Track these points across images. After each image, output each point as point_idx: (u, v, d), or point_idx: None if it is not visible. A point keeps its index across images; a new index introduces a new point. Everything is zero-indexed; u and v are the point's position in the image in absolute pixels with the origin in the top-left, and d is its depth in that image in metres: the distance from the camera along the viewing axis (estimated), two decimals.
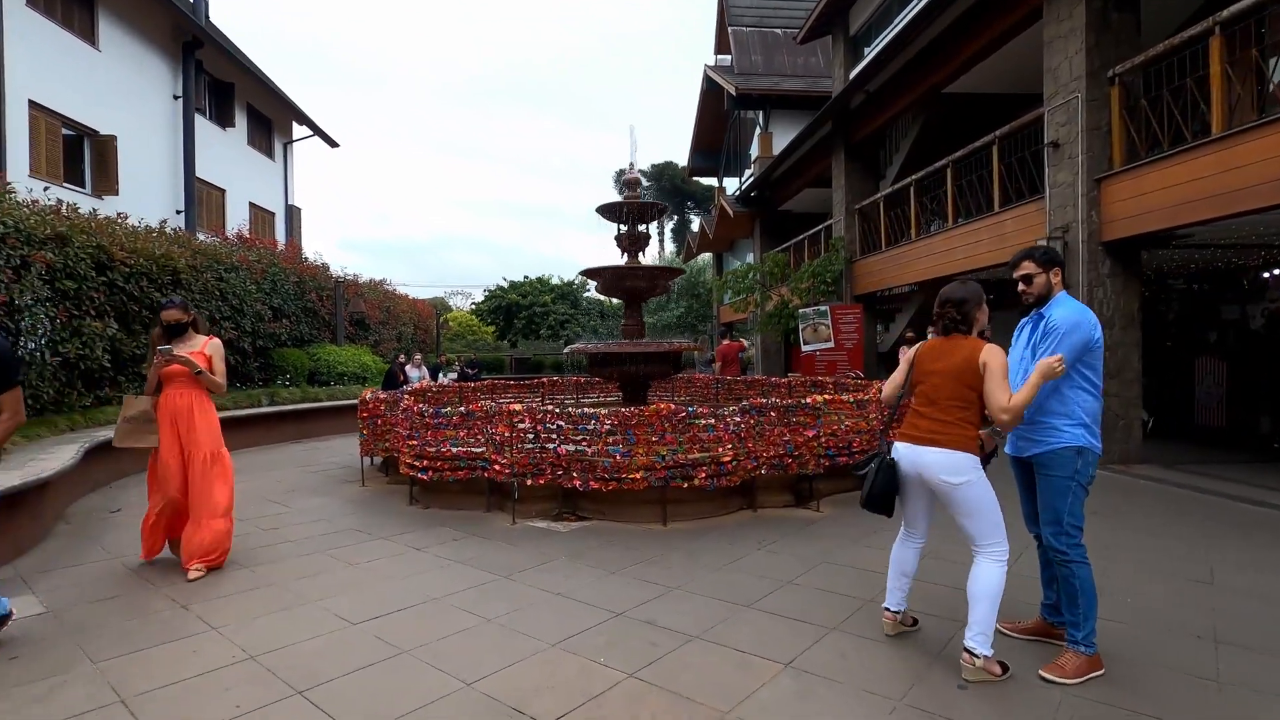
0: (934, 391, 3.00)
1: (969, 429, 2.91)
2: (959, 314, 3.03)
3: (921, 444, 2.98)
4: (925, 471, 2.96)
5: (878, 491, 3.15)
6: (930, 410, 3.00)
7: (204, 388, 4.41)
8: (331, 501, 6.34)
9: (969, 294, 3.05)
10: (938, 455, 2.91)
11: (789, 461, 5.67)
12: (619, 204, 7.88)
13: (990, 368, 2.86)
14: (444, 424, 5.87)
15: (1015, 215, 8.76)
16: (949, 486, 2.89)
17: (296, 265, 13.50)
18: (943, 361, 3.00)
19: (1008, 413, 2.79)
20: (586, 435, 5.39)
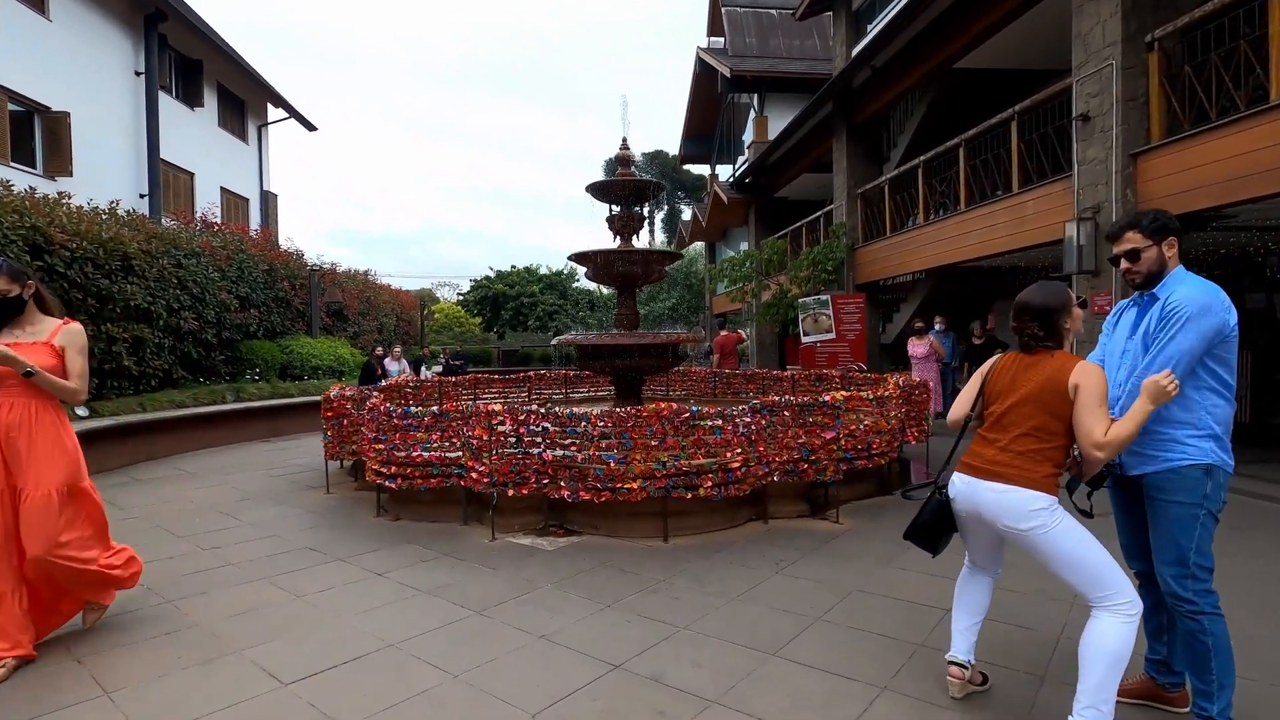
0: (1006, 417, 2.37)
1: (1044, 466, 2.29)
2: (1042, 328, 2.39)
3: (979, 476, 2.36)
4: (984, 512, 2.36)
5: (920, 524, 2.57)
6: (998, 437, 2.38)
7: (48, 394, 3.05)
8: (289, 512, 5.64)
9: (1053, 299, 2.40)
10: (997, 494, 2.30)
11: (804, 467, 5.03)
12: (610, 182, 7.19)
13: (1084, 391, 2.23)
14: (414, 426, 5.19)
15: (1038, 196, 8.14)
16: (1017, 533, 2.28)
17: (267, 252, 12.70)
18: (1020, 382, 2.37)
19: (1103, 449, 2.18)
20: (576, 439, 4.72)
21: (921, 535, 2.59)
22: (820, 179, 17.36)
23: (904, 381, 6.78)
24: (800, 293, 13.73)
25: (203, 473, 7.46)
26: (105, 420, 7.69)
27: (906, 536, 2.61)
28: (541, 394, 10.51)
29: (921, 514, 2.58)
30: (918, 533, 2.59)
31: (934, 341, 10.18)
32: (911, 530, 2.61)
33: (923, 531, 2.58)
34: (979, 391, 2.53)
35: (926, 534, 2.57)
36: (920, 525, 2.58)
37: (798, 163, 16.84)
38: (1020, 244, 8.45)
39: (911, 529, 2.60)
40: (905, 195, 11.61)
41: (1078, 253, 7.07)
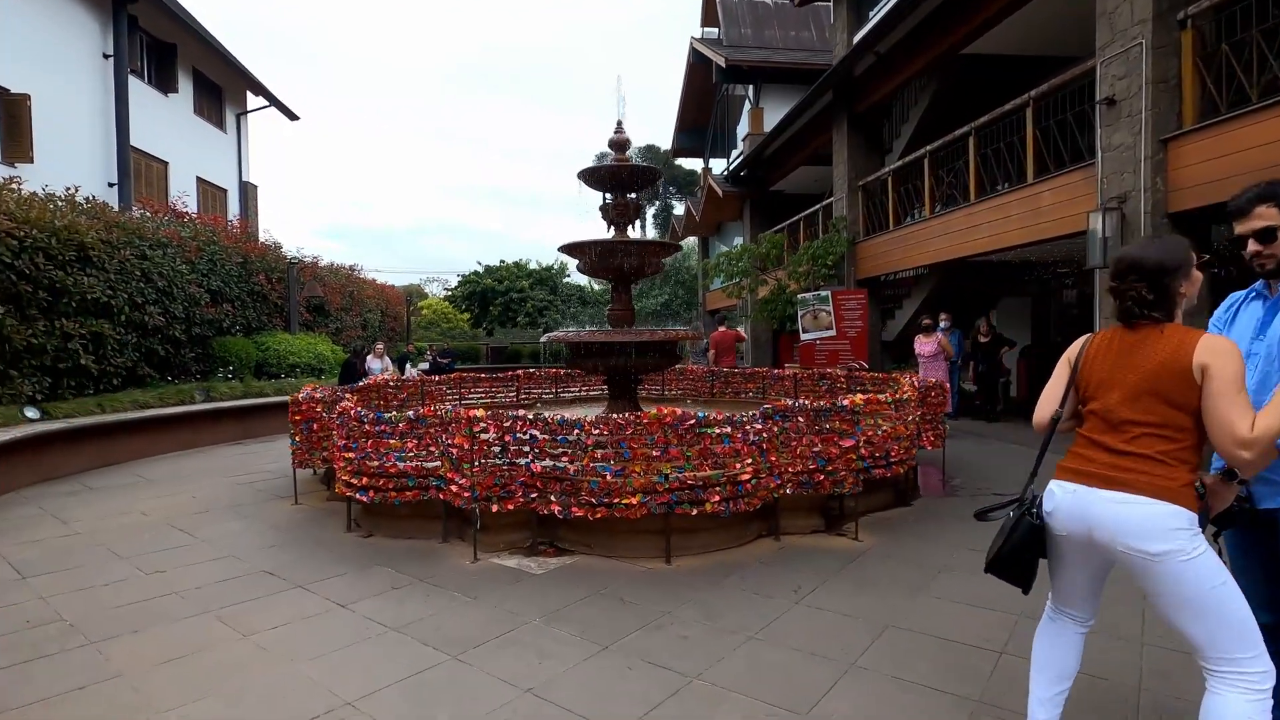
0: (1115, 411, 1.90)
1: (1179, 471, 1.81)
2: (1152, 290, 1.91)
3: (1092, 484, 1.88)
4: (1100, 530, 1.86)
5: (1007, 553, 2.08)
6: (1112, 439, 1.90)
7: None
8: (251, 527, 5.11)
9: (1171, 256, 1.93)
10: (1121, 506, 1.81)
11: (820, 479, 4.55)
12: (604, 168, 6.69)
13: (1216, 374, 1.76)
14: (388, 432, 4.67)
15: (1055, 186, 7.71)
16: (1144, 559, 1.79)
17: (242, 244, 12.09)
18: (1127, 367, 1.90)
19: (1250, 447, 1.70)
20: (568, 449, 4.23)
21: (1008, 567, 2.07)
22: (818, 172, 16.92)
23: (919, 382, 6.33)
24: (799, 288, 13.29)
25: (163, 480, 6.90)
26: (57, 423, 7.11)
27: (989, 569, 2.12)
28: (531, 393, 10.00)
29: (1007, 540, 2.06)
30: (1004, 564, 2.08)
31: (942, 339, 9.75)
32: (996, 562, 2.09)
33: (1010, 562, 2.06)
34: (1069, 383, 2.06)
35: (1015, 565, 2.06)
36: (1006, 555, 2.06)
37: (795, 155, 16.39)
38: (1036, 237, 8.03)
39: (996, 560, 2.09)
40: (910, 187, 11.18)
41: (1102, 245, 6.64)
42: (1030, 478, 2.14)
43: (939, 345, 9.73)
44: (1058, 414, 2.08)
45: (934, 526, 4.88)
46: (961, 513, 5.25)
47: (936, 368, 9.76)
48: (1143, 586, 1.84)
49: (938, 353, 9.74)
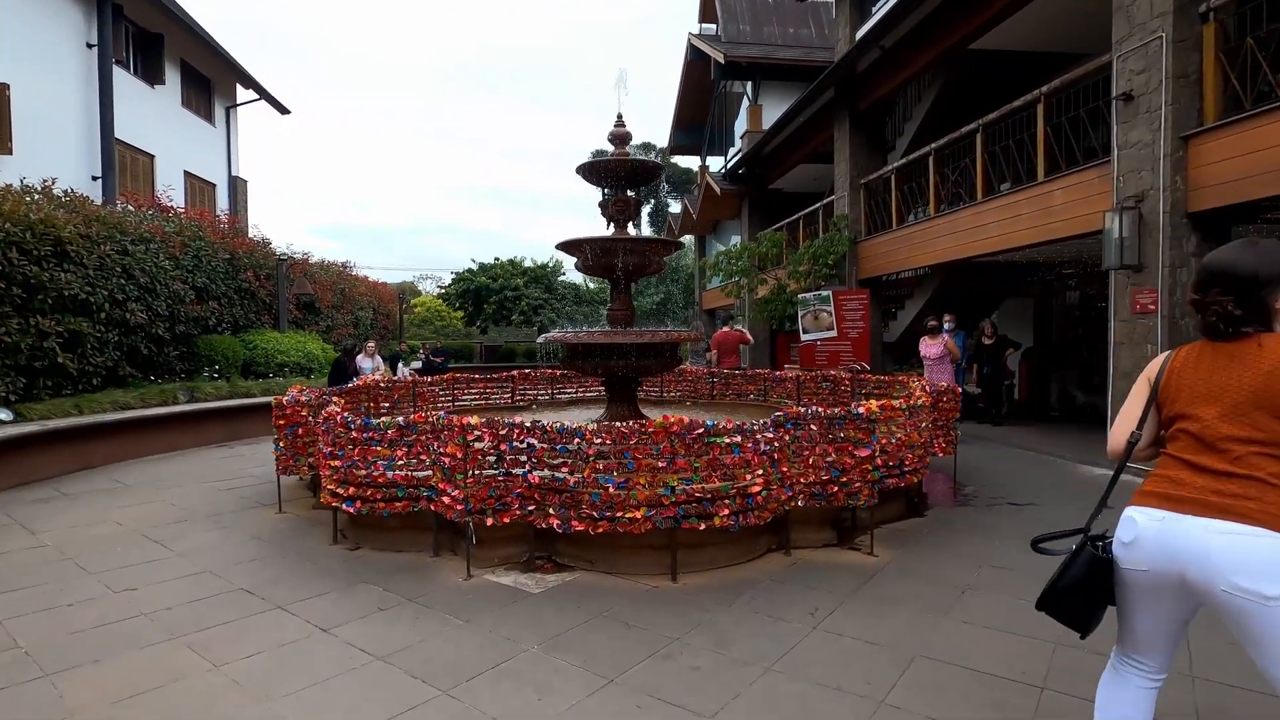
0: (1213, 428, 1.66)
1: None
2: (1241, 304, 1.67)
3: (1193, 512, 1.64)
4: (1197, 566, 1.62)
5: (1063, 589, 1.83)
6: (1211, 459, 1.66)
7: None
8: (230, 539, 4.83)
9: (1264, 264, 1.68)
10: (1237, 538, 1.57)
11: (834, 490, 4.31)
12: (604, 162, 6.43)
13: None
14: (375, 439, 4.40)
15: (1068, 184, 7.50)
16: (1255, 603, 1.54)
17: (229, 239, 11.76)
18: (1225, 381, 1.66)
19: None
20: (567, 458, 3.97)
21: (1064, 605, 1.82)
22: (818, 170, 16.71)
23: (930, 386, 6.10)
24: (799, 288, 13.07)
25: (142, 485, 6.61)
26: (31, 425, 6.81)
27: (1041, 606, 1.86)
28: (526, 394, 9.74)
29: (1065, 573, 1.80)
30: (1058, 601, 1.82)
31: (949, 341, 9.53)
32: (1050, 598, 1.83)
33: (1066, 600, 1.81)
34: (1149, 402, 1.82)
35: (1072, 604, 1.81)
36: (1063, 590, 1.80)
37: (795, 153, 16.17)
38: (1046, 237, 7.82)
39: (1049, 597, 1.83)
40: (913, 185, 10.96)
41: (1119, 245, 6.43)
42: (1099, 506, 1.89)
43: (945, 347, 9.51)
44: (1135, 436, 1.84)
45: (951, 539, 4.65)
46: (978, 524, 5.02)
47: (943, 370, 9.54)
48: (1241, 633, 1.60)
49: (944, 355, 9.52)
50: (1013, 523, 5.04)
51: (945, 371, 9.56)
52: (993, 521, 5.09)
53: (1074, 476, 6.65)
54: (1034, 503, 5.61)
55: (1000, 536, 4.69)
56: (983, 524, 5.03)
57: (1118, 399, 6.72)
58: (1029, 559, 4.24)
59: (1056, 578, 1.83)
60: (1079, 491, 6.00)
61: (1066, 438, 8.82)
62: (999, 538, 4.66)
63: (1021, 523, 5.03)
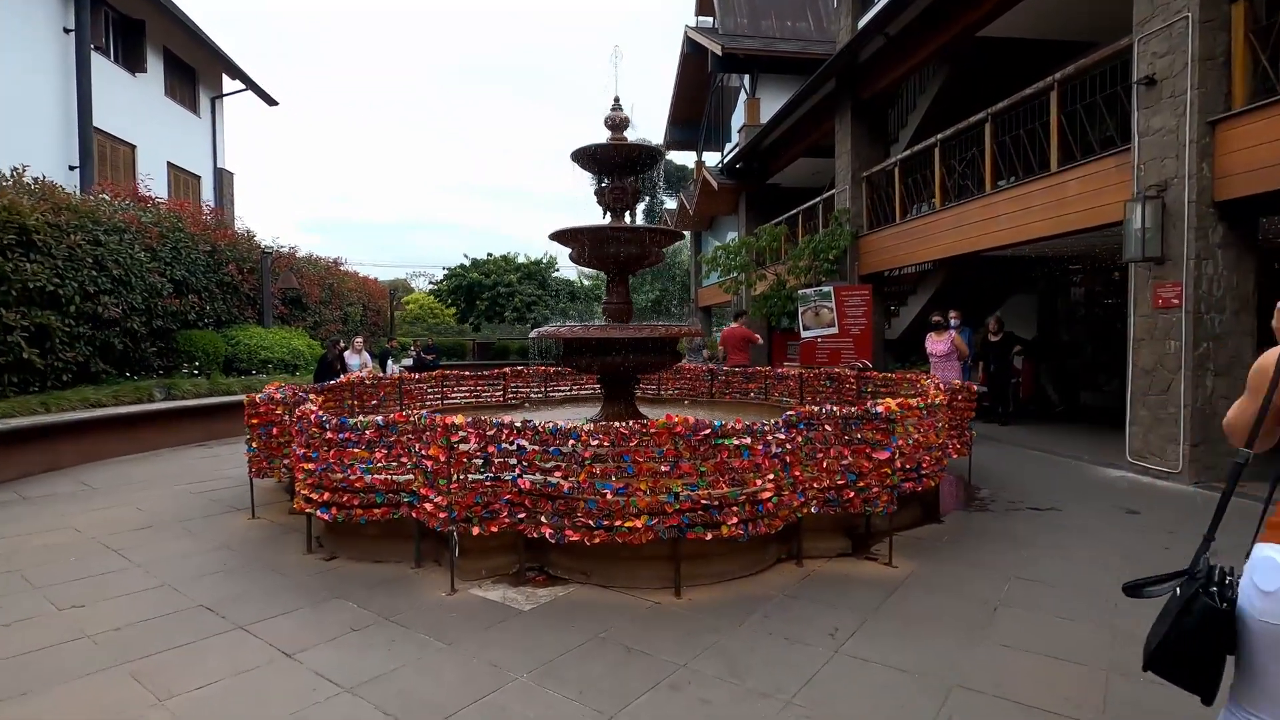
0: None
1: None
2: None
3: None
4: None
5: (1175, 645, 1.48)
6: None
7: None
8: (197, 548, 4.46)
9: None
10: None
11: (850, 496, 3.98)
12: (601, 147, 6.09)
13: None
14: (353, 440, 4.05)
15: (1083, 174, 7.20)
16: None
17: (211, 231, 11.35)
18: None
19: None
20: (561, 461, 3.63)
21: (1182, 667, 1.48)
22: (817, 164, 16.42)
23: (945, 384, 5.79)
24: (798, 283, 12.76)
25: (109, 488, 6.23)
26: None
27: (1149, 667, 1.52)
28: (519, 392, 9.40)
29: (1175, 627, 1.47)
30: (1171, 661, 1.48)
31: (956, 338, 9.22)
32: (1163, 659, 1.49)
33: (1180, 659, 1.47)
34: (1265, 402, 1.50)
35: (1189, 663, 1.46)
36: (1174, 647, 1.47)
37: (794, 146, 15.85)
38: (1061, 229, 7.51)
39: (1163, 657, 1.49)
40: (918, 178, 10.64)
41: (1140, 237, 6.13)
42: (1206, 541, 1.55)
43: (953, 344, 9.20)
44: (1251, 433, 1.51)
45: (974, 549, 4.33)
46: (1000, 531, 4.71)
47: (949, 368, 9.25)
48: None
49: (951, 352, 9.22)
50: (1037, 530, 4.73)
51: (952, 369, 9.26)
52: (1015, 528, 4.77)
53: (1092, 479, 6.35)
54: (1055, 507, 5.30)
55: (1026, 545, 4.37)
56: (1005, 531, 4.71)
57: (1138, 397, 6.44)
58: (1061, 571, 3.98)
59: (1168, 634, 1.48)
60: (1100, 495, 5.70)
61: (1077, 438, 8.53)
62: (1025, 547, 4.34)
63: (1046, 530, 4.72)
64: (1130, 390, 6.55)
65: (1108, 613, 3.27)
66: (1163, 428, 6.18)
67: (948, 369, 9.00)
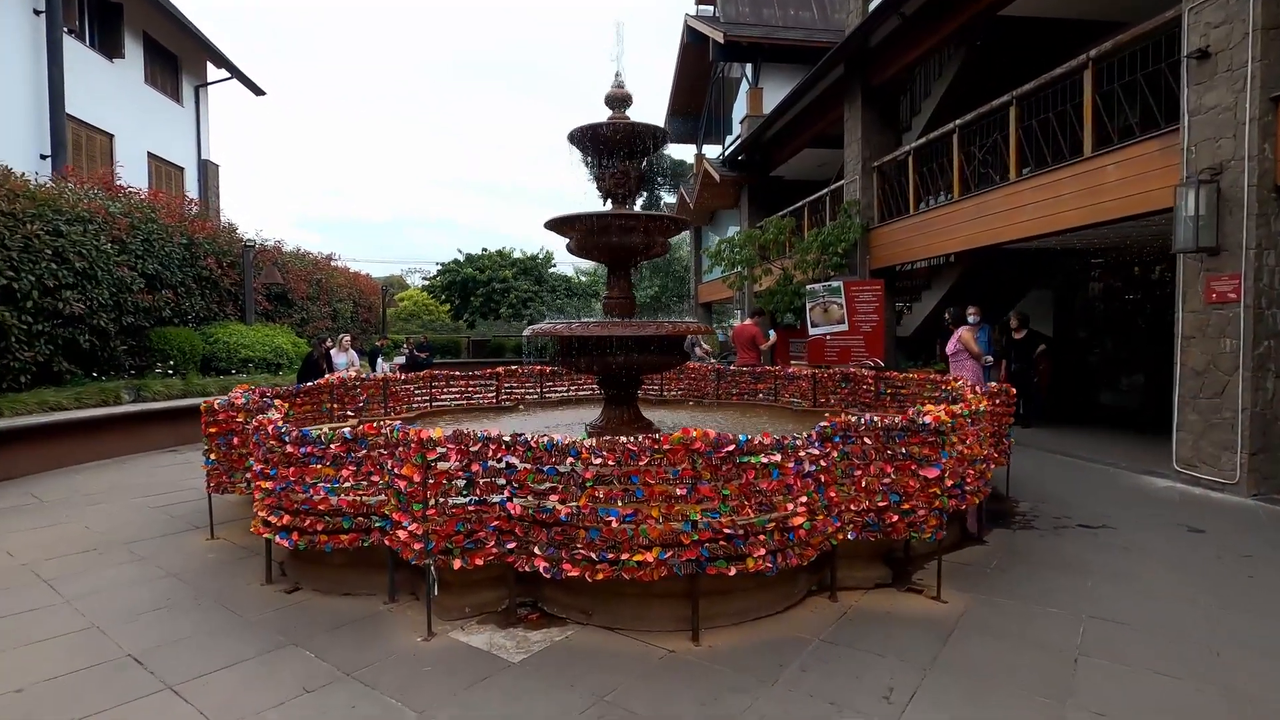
0: None
1: None
2: None
3: None
4: None
5: None
6: None
7: None
8: (141, 577, 3.91)
9: None
10: None
11: (894, 520, 3.44)
12: (601, 127, 5.54)
13: None
14: (316, 455, 3.49)
15: (1123, 158, 6.65)
16: None
17: (187, 223, 10.75)
18: None
19: None
20: (558, 482, 3.08)
21: None
22: (823, 155, 15.86)
23: (982, 387, 5.26)
24: (805, 279, 12.21)
25: (61, 501, 5.66)
26: None
27: None
28: (513, 393, 8.84)
29: None
30: None
31: (964, 334, 8.70)
32: None
33: None
34: None
35: None
36: None
37: (799, 136, 15.31)
38: (1095, 219, 6.97)
39: None
40: (934, 166, 10.09)
41: (1192, 225, 5.59)
42: None
43: (960, 342, 8.73)
44: None
45: (1030, 578, 3.79)
46: (1053, 554, 4.17)
47: (962, 367, 8.77)
48: None
49: (959, 350, 8.73)
50: (1094, 553, 4.19)
51: (965, 368, 8.78)
52: (1069, 551, 4.24)
53: (1137, 489, 5.82)
54: (1107, 524, 4.77)
55: (1089, 574, 3.83)
56: (1058, 555, 4.18)
57: (1187, 400, 5.91)
58: (1140, 608, 3.33)
59: None
60: (1152, 509, 5.18)
61: (1105, 441, 8.01)
62: (1088, 575, 3.81)
63: (1104, 552, 4.19)
64: (1178, 393, 6.02)
65: (1213, 666, 2.74)
66: (1216, 434, 5.66)
67: (958, 368, 8.51)
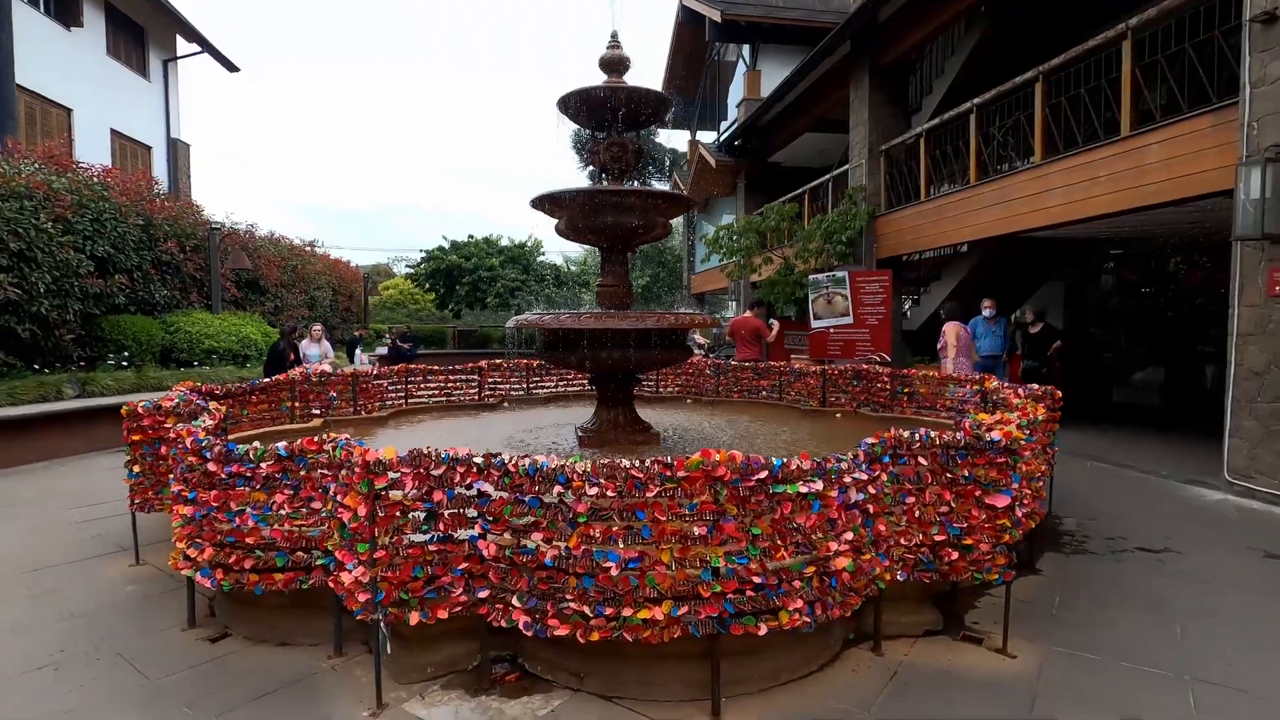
0: None
1: None
2: None
3: None
4: None
5: None
6: None
7: None
8: (33, 620, 3.22)
9: None
10: None
11: (954, 558, 2.82)
12: (594, 91, 4.88)
13: None
14: (244, 476, 2.82)
15: (1169, 136, 6.06)
16: None
17: (145, 202, 9.96)
18: None
19: None
20: (543, 516, 2.44)
21: None
22: (824, 140, 15.23)
23: (1025, 390, 4.65)
24: (807, 269, 11.60)
25: None
26: None
27: None
28: (497, 389, 8.17)
29: None
30: None
31: (949, 330, 8.33)
32: None
33: None
34: None
35: None
36: None
37: (799, 120, 14.65)
38: (1137, 203, 6.38)
39: None
40: (948, 149, 9.47)
41: (1256, 209, 5.00)
42: None
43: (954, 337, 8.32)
44: None
45: (1100, 618, 3.20)
46: (1120, 588, 3.57)
47: (962, 365, 8.35)
48: None
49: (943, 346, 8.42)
50: (1166, 584, 3.61)
51: (964, 365, 8.34)
52: (1138, 582, 3.65)
53: (1187, 503, 5.26)
54: (1170, 548, 4.19)
55: (1172, 614, 3.24)
56: (1127, 587, 3.59)
57: (1242, 404, 5.35)
58: (1248, 663, 2.70)
59: None
60: (1214, 528, 4.62)
61: (1134, 444, 7.47)
62: (1171, 616, 3.22)
63: (1179, 584, 3.61)
64: (1230, 395, 5.46)
65: None
66: (1276, 442, 5.10)
67: (961, 365, 8.12)
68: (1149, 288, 11.10)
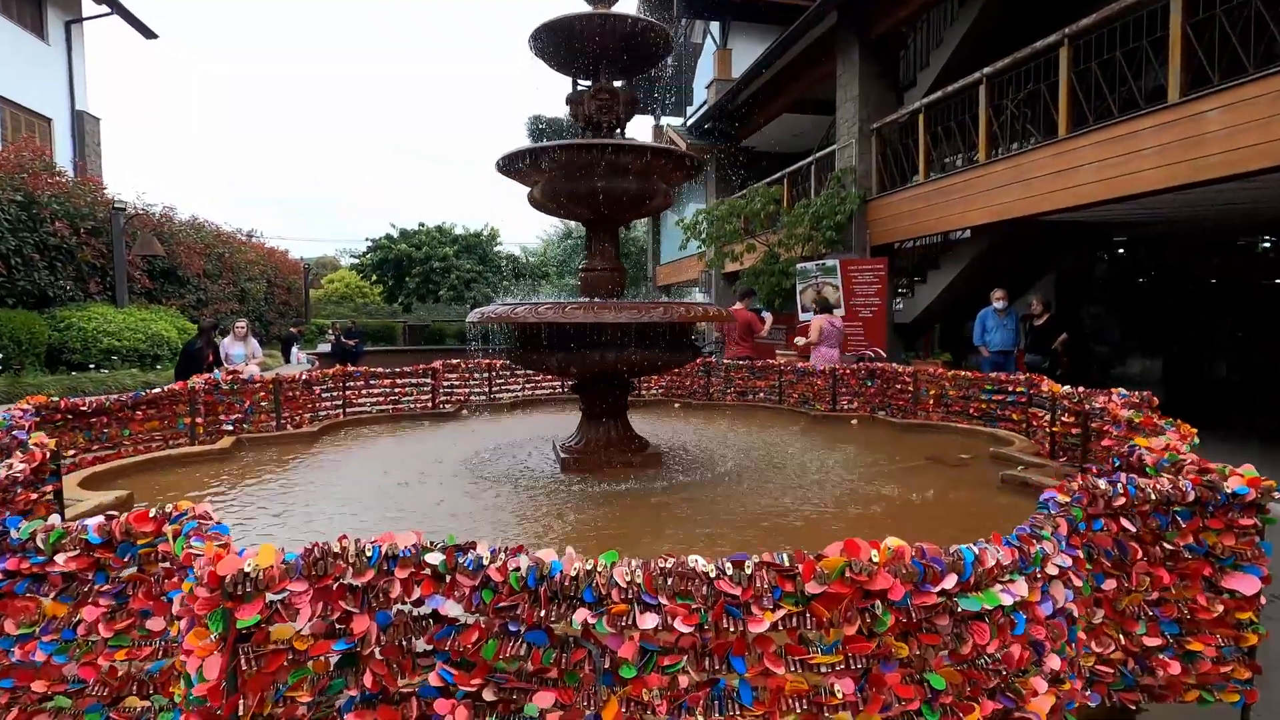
0: None
1: None
2: None
3: None
4: None
5: None
6: None
7: None
8: None
9: None
10: None
11: (1173, 673, 1.86)
12: (575, 20, 3.80)
13: None
14: (29, 576, 1.66)
15: (1229, 101, 5.29)
16: None
17: (25, 177, 8.39)
18: None
19: None
20: (550, 666, 1.36)
21: None
22: (801, 122, 14.40)
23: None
24: (791, 257, 10.71)
25: None
26: None
27: None
28: (454, 393, 7.01)
29: None
30: None
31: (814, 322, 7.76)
32: None
33: None
34: None
35: None
36: None
37: (776, 100, 13.76)
38: (1190, 178, 5.61)
39: None
40: (950, 125, 8.67)
41: None
42: None
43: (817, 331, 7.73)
44: None
45: None
46: None
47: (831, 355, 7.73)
48: None
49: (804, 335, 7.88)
50: None
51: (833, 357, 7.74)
52: None
53: None
54: None
55: None
56: None
57: None
58: None
59: None
60: None
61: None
62: None
63: None
64: None
65: None
66: None
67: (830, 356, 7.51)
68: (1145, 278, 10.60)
